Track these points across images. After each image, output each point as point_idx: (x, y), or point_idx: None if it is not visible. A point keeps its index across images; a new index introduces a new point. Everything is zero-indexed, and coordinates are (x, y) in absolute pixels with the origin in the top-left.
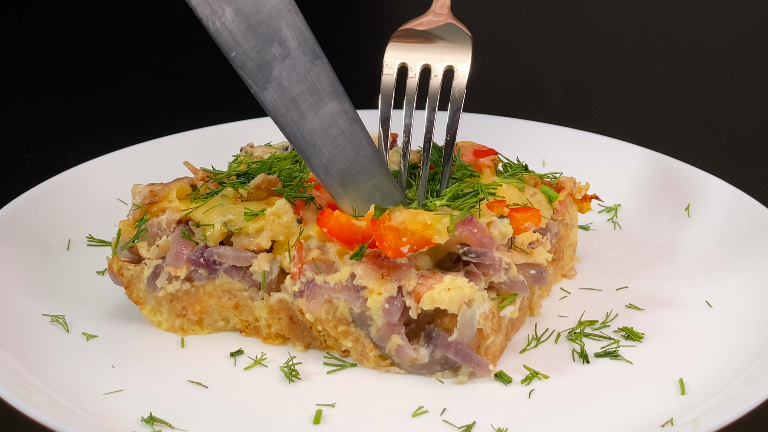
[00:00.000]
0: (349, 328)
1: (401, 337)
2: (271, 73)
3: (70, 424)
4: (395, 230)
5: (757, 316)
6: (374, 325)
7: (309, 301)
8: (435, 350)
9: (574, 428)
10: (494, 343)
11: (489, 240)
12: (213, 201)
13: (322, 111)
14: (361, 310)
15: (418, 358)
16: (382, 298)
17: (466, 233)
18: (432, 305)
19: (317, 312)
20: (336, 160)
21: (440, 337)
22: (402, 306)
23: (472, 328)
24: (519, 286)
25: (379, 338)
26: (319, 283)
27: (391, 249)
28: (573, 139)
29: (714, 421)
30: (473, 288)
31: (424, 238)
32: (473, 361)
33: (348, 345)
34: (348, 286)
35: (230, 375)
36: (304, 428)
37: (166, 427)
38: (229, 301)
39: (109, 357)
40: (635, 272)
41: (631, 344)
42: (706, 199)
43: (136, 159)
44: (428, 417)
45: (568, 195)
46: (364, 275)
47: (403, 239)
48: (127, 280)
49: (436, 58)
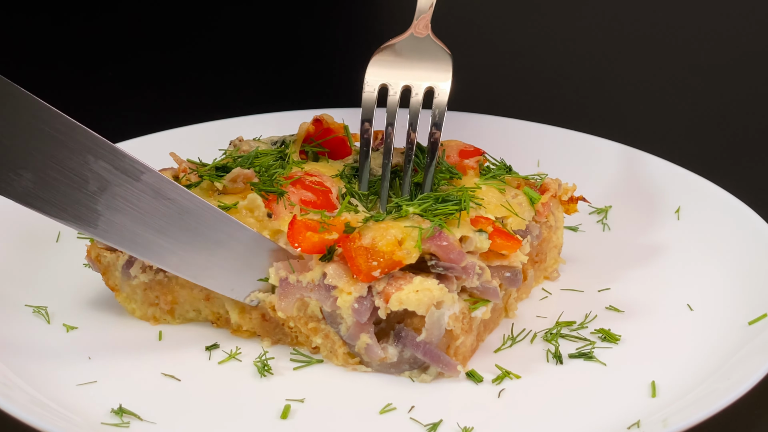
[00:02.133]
0: (319, 324)
1: (370, 336)
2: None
3: (39, 416)
4: (366, 251)
5: (736, 321)
6: (344, 323)
7: (282, 299)
8: (404, 349)
9: (540, 428)
10: (464, 344)
11: (458, 254)
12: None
13: None
14: (331, 308)
15: (386, 357)
16: (352, 298)
17: (434, 248)
18: (400, 306)
19: (289, 310)
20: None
21: (409, 336)
22: (371, 306)
23: (440, 329)
24: (491, 292)
25: (348, 336)
26: (292, 282)
27: (362, 273)
28: (565, 140)
29: (685, 420)
30: (443, 290)
31: (394, 261)
32: (441, 362)
33: (318, 342)
34: (319, 285)
35: (204, 368)
36: (272, 423)
37: (135, 419)
38: (200, 293)
39: (86, 348)
40: (619, 274)
41: (607, 346)
42: (696, 203)
43: (131, 152)
44: (396, 414)
45: (553, 197)
46: (334, 275)
47: (373, 263)
48: (104, 267)
49: (416, 76)
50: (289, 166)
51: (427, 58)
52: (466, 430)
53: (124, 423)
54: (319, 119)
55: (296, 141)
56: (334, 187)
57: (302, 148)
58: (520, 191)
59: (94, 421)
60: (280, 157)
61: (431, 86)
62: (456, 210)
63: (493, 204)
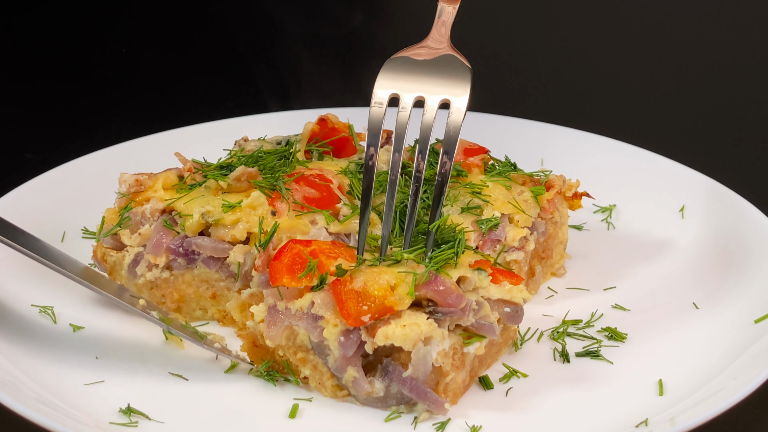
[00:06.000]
0: (308, 355)
1: (357, 370)
2: None
3: (47, 415)
4: (356, 295)
5: (742, 319)
6: (332, 354)
7: (270, 327)
8: (391, 384)
9: (547, 427)
10: (455, 381)
11: (456, 298)
12: (195, 192)
13: None
14: (318, 339)
15: (373, 391)
16: (338, 331)
17: (431, 294)
18: (386, 341)
19: (278, 339)
20: None
21: (396, 371)
22: (358, 340)
23: (426, 365)
24: (487, 328)
25: (335, 368)
26: (280, 309)
27: (351, 317)
28: (570, 139)
29: (693, 418)
30: (431, 325)
31: (385, 307)
32: (428, 399)
33: (306, 373)
34: (307, 314)
35: (211, 367)
36: (280, 422)
37: (143, 419)
38: (207, 291)
39: (93, 348)
40: (625, 273)
41: (614, 344)
42: (701, 201)
43: (134, 152)
44: (404, 413)
45: (558, 193)
46: (322, 305)
47: (363, 307)
48: (110, 267)
49: (431, 90)
50: (292, 165)
51: (444, 71)
52: (474, 428)
53: (132, 422)
54: (324, 119)
55: (301, 140)
56: (335, 179)
57: (307, 148)
58: (526, 188)
59: (102, 420)
60: (284, 156)
61: (446, 99)
62: (452, 254)
63: (500, 201)
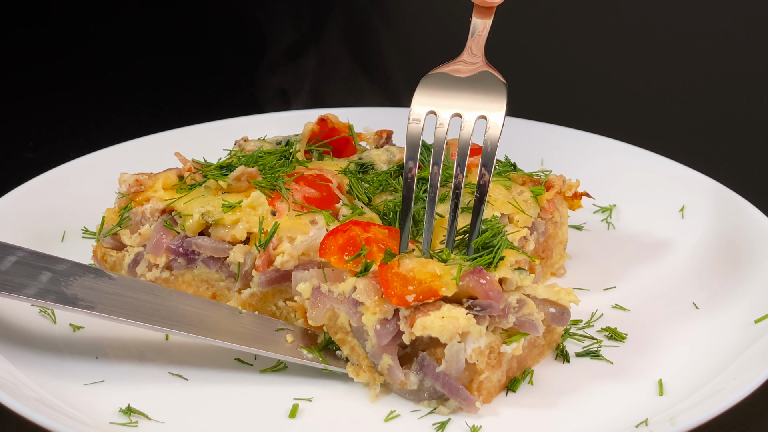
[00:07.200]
0: (347, 337)
1: (392, 358)
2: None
3: (47, 415)
4: (403, 277)
5: (742, 319)
6: (370, 340)
7: (313, 308)
8: (425, 378)
9: (547, 427)
10: (489, 379)
11: (497, 293)
12: (195, 192)
13: None
14: (357, 324)
15: (407, 383)
16: (376, 318)
17: (473, 284)
18: (424, 332)
19: (320, 320)
20: None
21: (431, 366)
22: (395, 329)
23: (459, 362)
24: (529, 326)
25: (372, 354)
26: (324, 291)
27: (396, 296)
28: (570, 139)
29: (693, 418)
30: (469, 320)
31: (431, 289)
32: (460, 396)
33: (346, 352)
34: (349, 298)
35: (211, 367)
36: (280, 422)
37: (143, 419)
38: (207, 291)
39: (93, 348)
40: (625, 273)
41: (614, 344)
42: (701, 201)
43: (135, 152)
44: (403, 413)
45: (557, 193)
46: (363, 291)
47: (409, 287)
48: (110, 267)
49: (468, 106)
50: (292, 165)
51: (480, 87)
52: (474, 429)
53: (132, 422)
54: (324, 119)
55: (301, 140)
56: (335, 179)
57: (307, 148)
58: (526, 188)
59: (102, 420)
60: (284, 156)
61: (483, 115)
62: (491, 258)
63: (499, 201)
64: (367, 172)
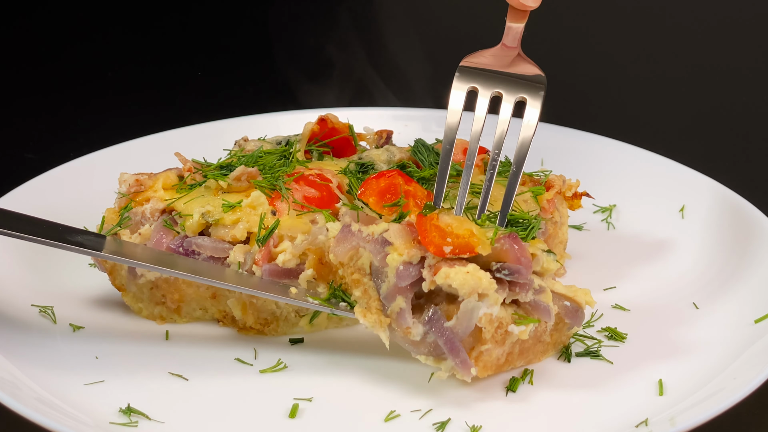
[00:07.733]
0: (362, 278)
1: (406, 301)
2: None
3: (47, 415)
4: (441, 230)
5: (742, 319)
6: (387, 282)
7: (338, 244)
8: (429, 332)
9: (547, 427)
10: (489, 353)
11: (527, 260)
12: (195, 192)
13: None
14: (380, 264)
15: (411, 332)
16: (401, 260)
17: (507, 246)
18: (445, 281)
19: (342, 256)
20: None
21: (440, 320)
22: (417, 275)
23: (470, 320)
24: (543, 310)
25: (386, 296)
26: (354, 230)
27: (433, 245)
28: (570, 139)
29: (693, 418)
30: (492, 283)
31: (469, 245)
32: (459, 357)
33: (357, 294)
34: (378, 239)
35: (211, 367)
36: (280, 422)
37: (143, 419)
38: (207, 291)
39: (93, 348)
40: (624, 273)
41: (614, 344)
42: (701, 201)
43: (134, 152)
44: (404, 413)
45: (558, 193)
46: (395, 233)
47: (447, 239)
48: (110, 267)
49: (508, 88)
50: (292, 165)
51: (519, 72)
52: (474, 428)
53: (132, 422)
54: (324, 119)
55: (301, 140)
56: (335, 179)
57: (307, 148)
58: (526, 188)
59: (102, 420)
60: (284, 156)
61: (523, 97)
62: (525, 234)
63: (499, 200)
64: (367, 172)
